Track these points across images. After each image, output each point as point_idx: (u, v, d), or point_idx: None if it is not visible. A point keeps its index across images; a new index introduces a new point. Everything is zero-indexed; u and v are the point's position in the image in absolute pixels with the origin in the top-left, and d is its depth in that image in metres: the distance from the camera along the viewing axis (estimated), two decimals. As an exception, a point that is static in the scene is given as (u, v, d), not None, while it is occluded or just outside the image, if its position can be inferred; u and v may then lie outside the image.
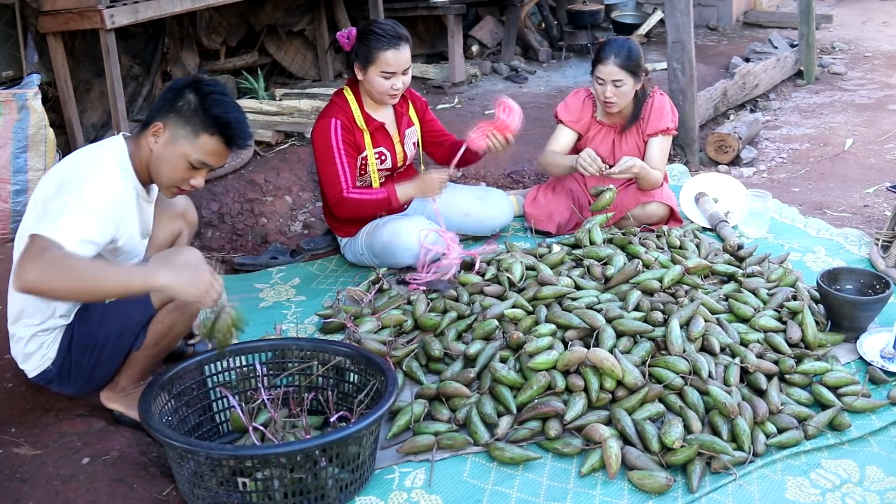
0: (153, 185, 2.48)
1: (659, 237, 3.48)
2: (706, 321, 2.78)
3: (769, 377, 2.59)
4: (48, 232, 2.09)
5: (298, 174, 4.41)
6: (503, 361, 2.64)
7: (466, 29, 6.72)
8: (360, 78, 3.32)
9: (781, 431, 2.41)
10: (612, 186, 3.51)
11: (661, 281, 3.01)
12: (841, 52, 7.71)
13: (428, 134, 3.65)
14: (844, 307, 2.83)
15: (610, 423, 2.43)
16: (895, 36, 8.39)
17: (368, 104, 3.41)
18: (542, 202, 3.88)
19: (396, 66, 3.25)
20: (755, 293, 3.05)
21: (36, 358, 2.40)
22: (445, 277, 3.25)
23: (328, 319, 3.06)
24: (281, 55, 5.96)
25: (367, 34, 3.24)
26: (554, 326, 2.73)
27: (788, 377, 2.62)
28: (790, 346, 2.75)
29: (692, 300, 2.87)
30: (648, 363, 2.58)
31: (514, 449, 2.35)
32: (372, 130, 3.40)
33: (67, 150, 3.99)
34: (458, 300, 3.08)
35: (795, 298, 3.00)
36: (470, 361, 2.71)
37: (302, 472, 2.07)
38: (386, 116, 3.47)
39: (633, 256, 3.24)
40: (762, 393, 2.53)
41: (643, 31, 7.51)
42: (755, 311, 2.92)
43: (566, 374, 2.54)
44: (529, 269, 3.20)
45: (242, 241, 3.97)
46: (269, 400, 2.37)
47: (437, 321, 2.92)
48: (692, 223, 3.85)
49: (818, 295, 2.96)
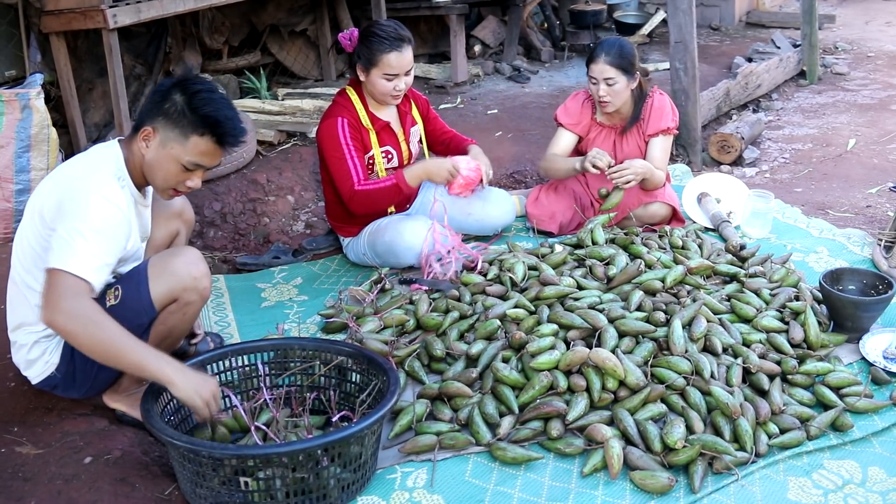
0: (149, 187, 2.46)
1: (661, 237, 3.47)
2: (708, 321, 2.78)
3: (771, 377, 2.59)
4: (68, 266, 2.11)
5: (301, 174, 4.41)
6: (505, 361, 2.64)
7: (469, 29, 6.71)
8: (362, 79, 3.32)
9: (784, 432, 2.41)
10: (620, 187, 3.50)
11: (663, 281, 3.00)
12: (844, 52, 7.69)
13: (432, 132, 3.66)
14: (847, 308, 2.83)
15: (612, 423, 2.42)
16: (898, 36, 8.38)
17: (372, 104, 3.41)
18: (544, 202, 3.88)
19: (399, 67, 3.25)
20: (757, 293, 3.04)
21: (39, 364, 2.40)
22: (447, 277, 3.25)
23: (330, 319, 3.07)
24: (283, 55, 5.96)
25: (369, 36, 3.24)
26: (556, 326, 2.72)
27: (791, 378, 2.62)
28: (792, 346, 2.74)
29: (694, 300, 2.87)
30: (650, 363, 2.58)
31: (516, 449, 2.35)
32: (378, 130, 3.41)
33: (70, 149, 4.00)
34: (460, 300, 3.08)
35: (798, 299, 3.00)
36: (472, 361, 2.71)
37: (304, 471, 2.07)
38: (390, 115, 3.48)
39: (635, 256, 3.23)
40: (764, 393, 2.53)
41: (646, 31, 7.49)
42: (757, 311, 2.92)
43: (568, 374, 2.53)
44: (532, 269, 3.20)
45: (245, 240, 3.98)
46: (271, 399, 2.37)
47: (439, 321, 2.92)
48: (694, 223, 3.85)
49: (821, 295, 2.95)
